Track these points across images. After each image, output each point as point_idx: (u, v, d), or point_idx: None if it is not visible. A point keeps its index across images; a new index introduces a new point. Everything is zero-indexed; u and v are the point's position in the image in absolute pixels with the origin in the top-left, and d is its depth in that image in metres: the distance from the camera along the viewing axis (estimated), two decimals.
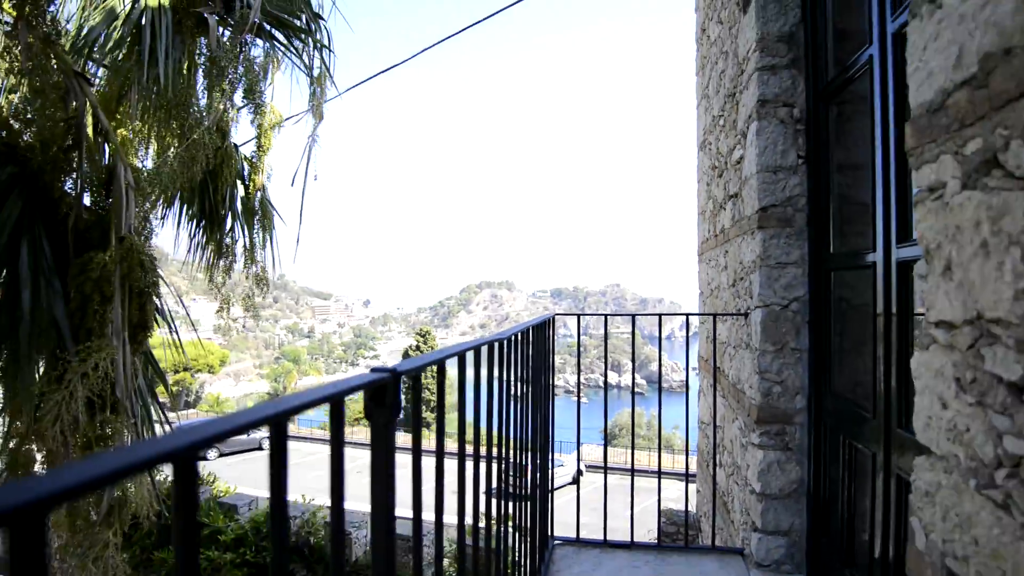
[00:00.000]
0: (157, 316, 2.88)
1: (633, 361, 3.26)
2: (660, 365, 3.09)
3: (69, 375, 2.24)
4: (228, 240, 4.44)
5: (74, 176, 2.69)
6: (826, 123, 2.43)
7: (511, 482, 1.97)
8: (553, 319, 2.79)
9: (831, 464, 2.34)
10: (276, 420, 0.56)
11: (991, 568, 0.90)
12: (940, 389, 1.06)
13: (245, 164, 4.64)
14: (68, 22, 3.11)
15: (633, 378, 3.20)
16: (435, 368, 1.05)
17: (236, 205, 4.49)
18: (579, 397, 3.18)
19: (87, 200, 2.78)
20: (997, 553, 0.89)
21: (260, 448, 24.49)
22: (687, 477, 3.57)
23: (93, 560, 2.52)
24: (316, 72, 4.17)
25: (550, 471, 2.86)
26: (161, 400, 4.10)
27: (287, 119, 4.53)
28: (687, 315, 3.03)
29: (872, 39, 1.88)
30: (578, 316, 3.12)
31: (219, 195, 4.25)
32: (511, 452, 1.83)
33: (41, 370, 2.50)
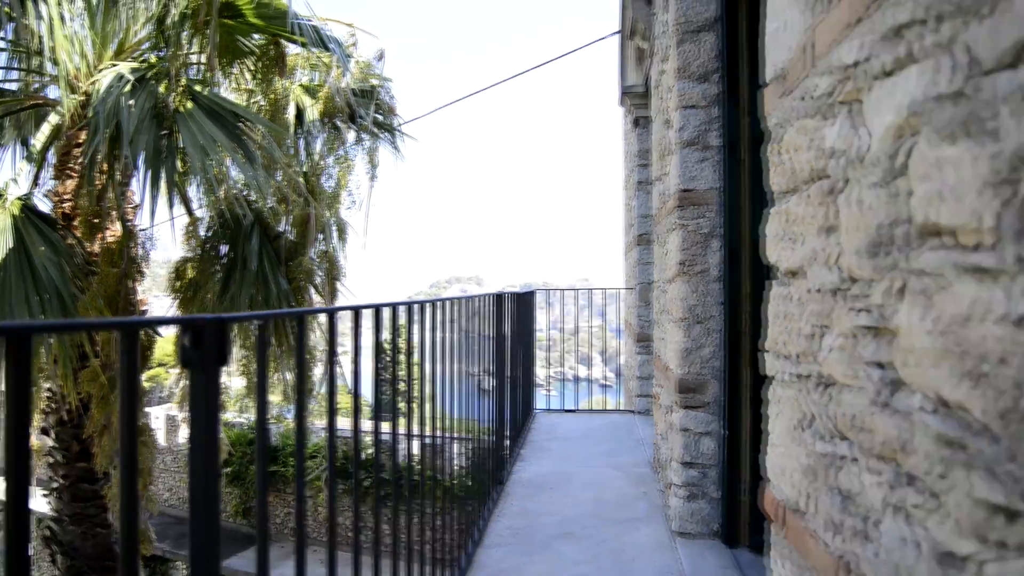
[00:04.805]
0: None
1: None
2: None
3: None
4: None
5: (283, 218, 5.06)
6: None
7: (514, 380, 4.41)
8: (535, 292, 5.26)
9: None
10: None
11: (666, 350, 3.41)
12: (663, 304, 3.56)
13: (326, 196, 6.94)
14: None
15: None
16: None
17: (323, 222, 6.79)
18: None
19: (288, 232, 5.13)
20: (676, 343, 3.40)
21: None
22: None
23: None
24: (369, 137, 6.52)
25: (533, 375, 5.32)
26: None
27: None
28: (604, 290, 5.54)
29: None
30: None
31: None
32: (516, 366, 4.28)
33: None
